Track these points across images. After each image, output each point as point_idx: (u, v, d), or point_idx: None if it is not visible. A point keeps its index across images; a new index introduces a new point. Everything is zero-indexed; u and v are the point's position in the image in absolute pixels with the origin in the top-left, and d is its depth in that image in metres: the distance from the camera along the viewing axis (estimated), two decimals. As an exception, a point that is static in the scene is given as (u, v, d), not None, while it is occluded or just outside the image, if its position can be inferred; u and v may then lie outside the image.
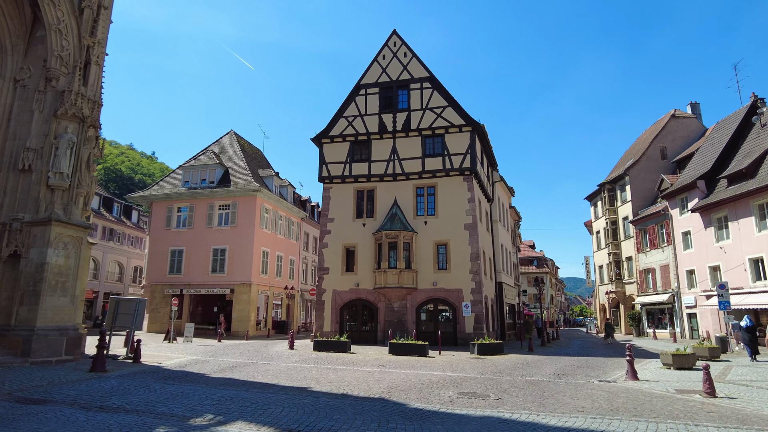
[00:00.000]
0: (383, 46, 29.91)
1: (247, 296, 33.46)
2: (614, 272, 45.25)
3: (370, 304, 26.64)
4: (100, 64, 16.96)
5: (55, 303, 14.51)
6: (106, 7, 17.58)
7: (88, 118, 16.10)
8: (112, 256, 48.62)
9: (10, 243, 14.68)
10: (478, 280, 25.49)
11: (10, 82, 16.38)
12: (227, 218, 34.92)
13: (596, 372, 15.08)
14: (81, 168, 15.82)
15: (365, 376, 13.28)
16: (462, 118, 27.33)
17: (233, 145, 40.24)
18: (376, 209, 27.68)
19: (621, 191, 45.13)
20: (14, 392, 9.50)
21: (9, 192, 15.41)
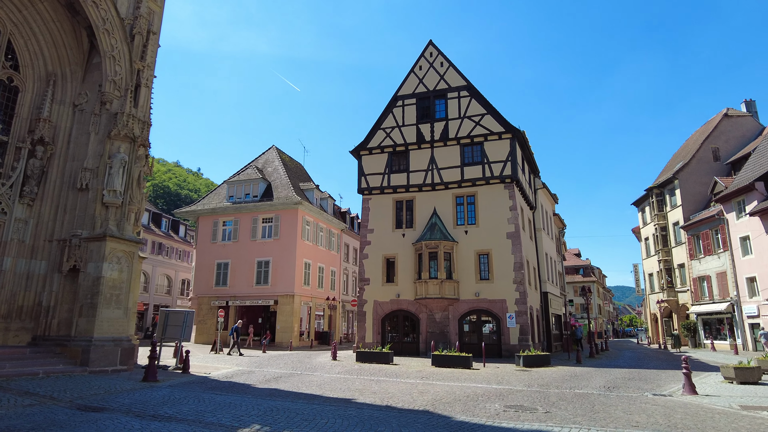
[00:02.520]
0: (419, 57, 30.03)
1: (290, 307, 33.95)
2: (666, 280, 43.28)
3: (411, 315, 26.49)
4: (149, 86, 17.81)
5: (110, 315, 15.17)
6: (155, 32, 18.49)
7: (139, 137, 16.88)
8: (161, 270, 50.48)
9: (70, 258, 15.51)
10: (522, 290, 24.92)
11: (69, 107, 17.44)
12: (270, 231, 35.66)
13: (650, 385, 14.39)
14: (132, 185, 16.57)
15: (409, 387, 13.17)
16: (501, 125, 26.99)
17: (275, 159, 41.21)
18: (416, 219, 27.61)
19: (670, 195, 43.28)
20: (75, 400, 9.96)
21: (69, 210, 16.32)
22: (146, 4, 18.04)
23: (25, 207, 16.22)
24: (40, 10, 17.04)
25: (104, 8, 16.45)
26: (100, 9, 16.36)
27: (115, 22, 16.75)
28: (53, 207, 16.58)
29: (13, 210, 15.91)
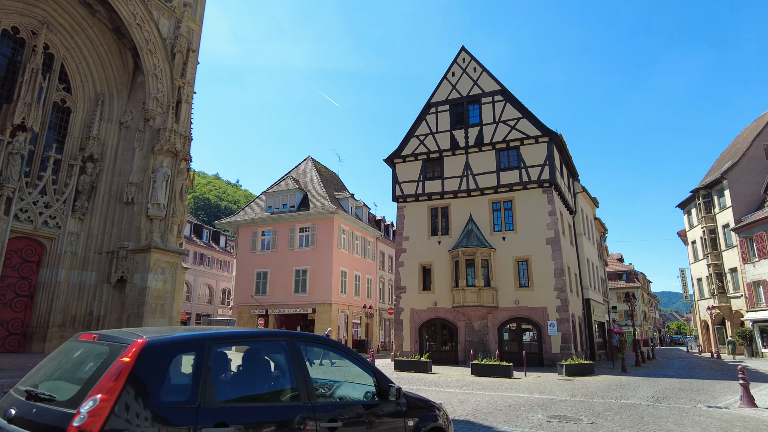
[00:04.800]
0: (452, 63, 29.95)
1: (328, 315, 34.22)
2: (716, 285, 41.30)
3: (449, 323, 26.23)
4: (189, 102, 18.43)
5: (156, 324, 15.67)
6: (194, 50, 19.16)
7: (180, 152, 17.47)
8: (203, 280, 51.88)
9: (118, 269, 16.16)
10: (564, 297, 24.29)
11: (116, 124, 18.26)
12: (307, 240, 36.15)
13: (703, 396, 13.72)
14: (175, 198, 17.14)
15: (449, 397, 13.01)
16: (537, 129, 26.54)
17: (311, 170, 41.85)
18: (451, 226, 27.40)
19: (719, 197, 41.38)
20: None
21: (116, 223, 17.04)
22: (186, 23, 18.74)
23: (76, 221, 17.02)
24: (90, 35, 17.96)
25: (147, 30, 17.19)
26: (143, 31, 17.10)
27: (158, 42, 17.46)
28: (102, 220, 17.34)
29: (67, 224, 16.72)
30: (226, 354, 3.90)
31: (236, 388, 3.93)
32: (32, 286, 16.07)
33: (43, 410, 3.13)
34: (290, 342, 4.18)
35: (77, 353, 3.80)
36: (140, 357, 3.20)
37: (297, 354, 4.14)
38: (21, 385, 3.54)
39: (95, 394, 2.97)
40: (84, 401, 2.95)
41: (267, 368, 4.31)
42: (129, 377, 3.08)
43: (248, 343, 4.28)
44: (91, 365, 3.47)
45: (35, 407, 3.20)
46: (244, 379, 4.11)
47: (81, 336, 3.91)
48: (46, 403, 3.18)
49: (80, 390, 3.15)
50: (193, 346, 3.60)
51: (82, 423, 2.82)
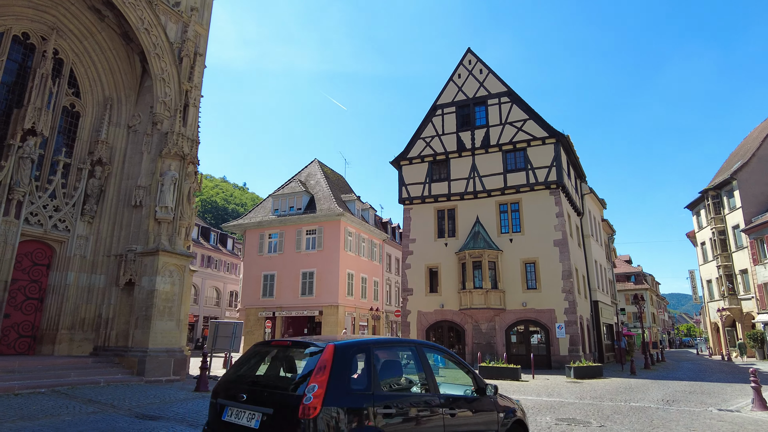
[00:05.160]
0: (458, 65, 29.95)
1: (335, 318, 34.22)
2: (726, 287, 40.90)
3: (456, 325, 26.16)
4: (196, 105, 18.55)
5: (164, 327, 15.75)
6: (201, 54, 19.30)
7: (188, 155, 17.58)
8: (210, 282, 52.10)
9: (126, 272, 16.26)
10: (572, 299, 24.15)
11: (124, 128, 18.41)
12: (314, 242, 36.20)
13: (714, 399, 13.58)
14: (183, 201, 17.24)
15: (456, 399, 12.95)
16: (544, 130, 26.45)
17: (317, 173, 41.94)
18: (458, 228, 27.34)
19: (728, 197, 41.01)
20: (133, 408, 10.37)
21: (124, 226, 17.16)
22: (193, 27, 18.87)
23: (85, 224, 17.16)
24: (99, 40, 18.13)
25: (155, 34, 17.33)
26: (151, 35, 17.24)
27: (165, 46, 17.60)
28: (110, 224, 17.47)
29: (76, 227, 16.86)
30: (378, 355, 4.98)
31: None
32: (42, 289, 16.22)
33: (274, 393, 4.42)
34: (418, 347, 5.48)
35: (275, 354, 5.12)
36: (334, 356, 4.35)
37: (424, 356, 5.37)
38: (230, 378, 4.92)
39: (313, 382, 4.15)
40: (307, 386, 4.13)
41: (407, 367, 5.44)
42: (331, 370, 4.25)
43: (393, 348, 5.56)
44: (300, 362, 4.67)
45: (265, 391, 4.48)
46: (392, 374, 5.23)
47: (273, 342, 5.36)
48: (272, 389, 4.53)
49: (299, 379, 4.36)
50: (363, 349, 4.76)
51: (310, 402, 4.01)
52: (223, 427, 4.54)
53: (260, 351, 5.19)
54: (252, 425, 4.28)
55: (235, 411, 4.49)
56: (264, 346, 5.29)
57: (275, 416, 4.19)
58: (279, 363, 5.01)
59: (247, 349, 5.39)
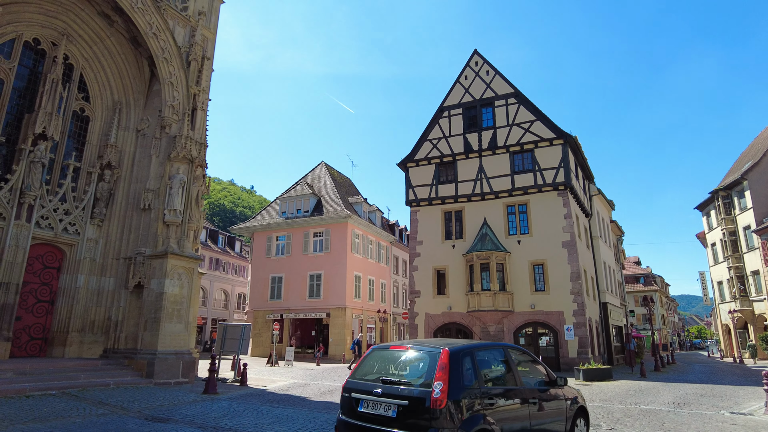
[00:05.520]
0: (465, 67, 29.89)
1: (342, 320, 34.23)
2: (738, 288, 40.44)
3: (464, 328, 26.06)
4: (204, 109, 18.67)
5: (172, 329, 15.83)
6: (209, 58, 19.42)
7: (196, 158, 17.68)
8: (218, 285, 52.31)
9: (135, 275, 16.38)
10: (580, 301, 24.00)
11: (133, 132, 18.56)
12: (321, 245, 36.27)
13: (726, 402, 13.42)
14: (191, 204, 17.34)
15: (464, 402, 12.90)
16: (552, 131, 26.33)
17: (324, 175, 42.03)
18: (465, 230, 27.26)
19: (739, 198, 40.59)
20: (142, 410, 10.43)
21: (133, 229, 17.29)
22: (200, 31, 19.01)
23: (95, 228, 17.31)
24: (108, 45, 18.32)
25: (163, 39, 17.48)
26: (159, 40, 17.39)
27: (173, 50, 17.74)
28: (119, 227, 17.61)
29: (86, 230, 17.01)
30: (478, 356, 6.08)
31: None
32: (53, 292, 16.37)
33: (405, 388, 5.43)
34: (505, 349, 6.76)
35: (397, 356, 6.18)
36: (450, 358, 5.47)
37: (509, 355, 6.65)
38: (357, 377, 6.05)
39: (438, 380, 5.25)
40: (434, 383, 5.25)
41: (498, 365, 6.56)
42: (450, 370, 5.35)
43: (488, 350, 6.60)
44: (419, 363, 5.76)
45: (399, 387, 5.48)
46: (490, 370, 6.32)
47: (392, 347, 6.39)
48: (404, 386, 5.50)
49: (425, 377, 5.43)
50: (468, 352, 5.88)
51: (438, 395, 5.13)
52: (361, 417, 5.58)
53: (381, 354, 6.37)
54: (389, 414, 5.37)
55: (371, 403, 5.55)
56: (383, 350, 6.44)
57: (409, 407, 5.26)
58: (400, 364, 6.03)
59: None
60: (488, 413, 5.56)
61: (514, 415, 5.98)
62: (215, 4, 20.39)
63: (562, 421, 6.91)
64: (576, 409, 7.25)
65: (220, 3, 20.70)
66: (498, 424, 5.61)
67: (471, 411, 5.36)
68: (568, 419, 7.02)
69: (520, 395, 6.24)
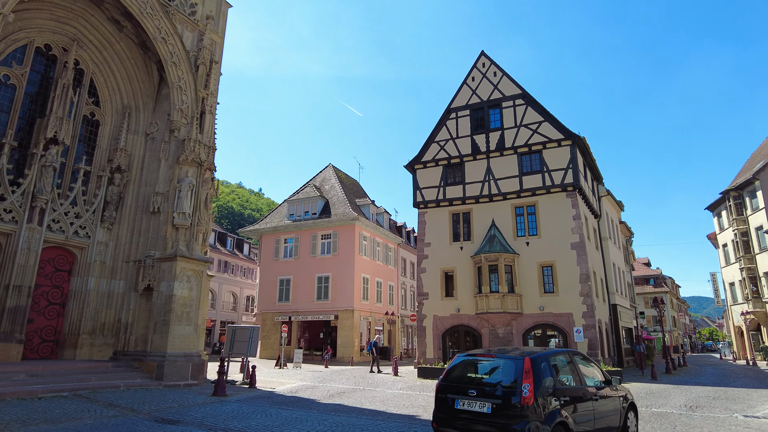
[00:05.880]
0: (472, 68, 29.85)
1: (350, 322, 34.24)
2: (750, 290, 39.95)
3: (472, 330, 25.96)
4: (212, 112, 18.79)
5: (182, 331, 15.92)
6: (217, 61, 19.55)
7: (205, 162, 17.79)
8: (227, 287, 52.55)
9: (145, 277, 16.49)
10: (590, 302, 23.82)
11: (142, 136, 18.72)
12: (329, 247, 36.32)
13: (739, 405, 13.25)
14: (200, 207, 17.44)
15: (473, 404, 12.85)
16: (560, 132, 26.20)
17: (332, 177, 42.12)
18: (473, 232, 27.17)
19: (751, 198, 40.14)
20: (152, 412, 10.49)
21: (143, 232, 17.41)
22: (208, 36, 19.14)
23: (105, 231, 17.47)
24: (117, 50, 18.50)
25: (172, 43, 17.62)
26: (168, 44, 17.54)
27: (182, 55, 17.88)
28: (129, 230, 17.75)
29: (96, 234, 17.17)
30: (552, 361, 7.17)
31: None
32: (64, 295, 16.53)
33: (499, 390, 6.50)
34: (570, 354, 7.90)
35: (483, 362, 7.32)
36: (532, 364, 6.54)
37: (574, 360, 7.79)
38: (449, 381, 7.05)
39: (525, 382, 6.31)
40: (522, 384, 6.30)
41: (566, 368, 7.53)
42: (533, 374, 6.40)
43: (558, 356, 7.54)
44: (506, 369, 6.79)
45: (489, 388, 6.59)
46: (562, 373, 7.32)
47: (478, 354, 7.50)
48: (495, 387, 6.57)
49: (513, 379, 6.47)
50: (545, 359, 6.94)
51: (527, 395, 6.18)
52: (458, 414, 6.64)
53: (469, 361, 7.44)
54: (485, 410, 6.41)
55: (467, 402, 6.59)
56: (471, 357, 7.49)
57: (502, 404, 6.32)
58: (488, 369, 7.15)
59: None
60: (562, 409, 6.60)
61: (581, 411, 7.04)
62: (223, 8, 20.53)
63: (617, 416, 8.00)
64: (627, 405, 8.39)
65: (227, 7, 20.84)
66: (570, 417, 6.65)
67: (550, 407, 6.44)
68: (622, 414, 8.13)
69: (585, 393, 7.33)
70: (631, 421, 8.51)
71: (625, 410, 8.27)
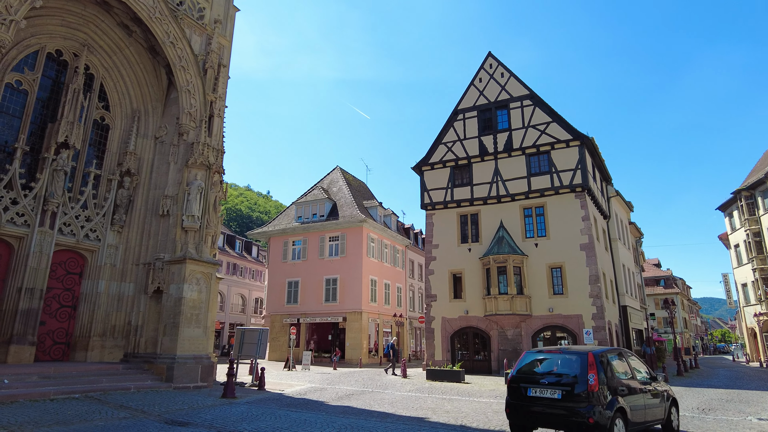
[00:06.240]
0: (479, 70, 29.81)
1: (359, 324, 34.24)
2: (763, 290, 39.43)
3: (481, 332, 25.86)
4: (221, 116, 18.90)
5: (191, 334, 16.00)
6: (225, 65, 19.68)
7: (213, 165, 17.90)
8: (236, 289, 52.76)
9: (154, 280, 16.60)
10: (599, 304, 23.66)
11: (151, 139, 18.87)
12: (337, 249, 36.37)
13: (753, 408, 13.08)
14: (209, 210, 17.54)
15: (483, 407, 12.80)
16: (568, 132, 26.08)
17: (339, 180, 42.20)
18: (481, 233, 27.09)
19: (763, 198, 39.66)
20: (163, 414, 10.54)
21: (152, 235, 17.54)
22: (216, 39, 19.27)
23: (115, 234, 17.62)
24: (127, 54, 18.68)
25: (180, 47, 17.76)
26: (176, 48, 17.68)
27: (190, 58, 18.00)
28: (139, 233, 17.88)
29: (106, 237, 17.32)
30: (609, 356, 8.34)
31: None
32: (75, 297, 16.68)
33: (567, 379, 7.71)
34: (622, 351, 9.16)
35: (550, 357, 8.59)
36: (595, 358, 7.73)
37: (626, 356, 9.09)
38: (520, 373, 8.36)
39: (590, 372, 7.49)
40: (588, 374, 7.48)
41: (621, 363, 8.65)
42: (597, 366, 7.60)
43: (613, 352, 8.71)
44: (572, 362, 7.96)
45: (560, 378, 7.80)
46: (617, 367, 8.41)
47: (545, 350, 8.98)
48: (563, 376, 7.81)
49: (581, 371, 7.63)
50: (604, 354, 8.13)
51: (592, 383, 7.34)
52: (530, 400, 7.90)
53: (535, 357, 8.70)
54: (556, 396, 7.67)
55: (539, 389, 7.89)
56: (537, 354, 8.80)
57: (570, 391, 7.57)
58: (555, 363, 8.34)
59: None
60: (619, 397, 7.71)
61: (634, 401, 8.10)
62: (231, 12, 20.66)
63: (662, 408, 9.02)
64: (670, 399, 9.40)
65: (235, 11, 20.98)
66: (626, 404, 7.77)
67: (610, 395, 7.58)
68: (666, 408, 9.13)
69: (636, 386, 8.44)
70: (674, 415, 9.39)
71: (669, 405, 9.21)
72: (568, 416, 7.43)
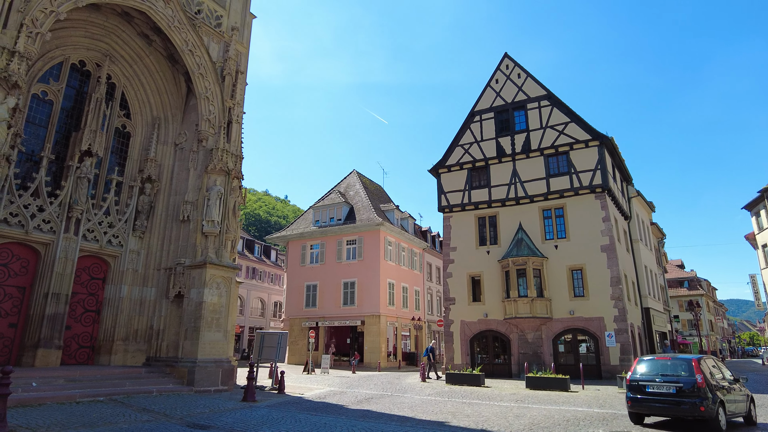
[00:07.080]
0: (495, 71, 29.64)
1: (377, 327, 34.22)
2: (793, 292, 38.28)
3: (501, 335, 25.62)
4: (239, 122, 19.12)
5: (211, 337, 16.17)
6: (242, 72, 19.92)
7: (232, 170, 18.10)
8: (255, 293, 53.21)
9: (176, 285, 16.84)
10: (621, 306, 23.24)
11: (171, 146, 19.18)
12: (354, 252, 36.45)
13: (784, 412, 12.68)
14: (228, 215, 17.73)
15: (503, 411, 12.66)
16: (587, 133, 25.74)
17: (356, 183, 42.32)
18: (500, 235, 26.86)
19: (791, 196, 38.52)
20: (185, 417, 10.67)
21: (173, 240, 17.80)
22: (234, 46, 19.52)
23: (137, 239, 17.93)
24: (147, 63, 19.04)
25: (198, 55, 18.03)
26: (195, 56, 17.95)
27: (208, 66, 18.27)
28: (160, 238, 18.17)
29: (128, 242, 17.64)
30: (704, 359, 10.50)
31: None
32: (99, 302, 17.01)
33: (681, 378, 9.86)
34: (713, 358, 10.87)
35: (663, 362, 10.59)
36: (699, 363, 10.04)
37: (717, 361, 11.14)
38: (638, 375, 10.46)
39: (698, 373, 9.72)
40: (696, 375, 9.71)
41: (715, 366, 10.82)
42: (700, 368, 9.90)
43: (709, 359, 10.87)
44: (681, 366, 10.14)
45: (675, 377, 9.96)
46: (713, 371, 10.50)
47: (656, 357, 11.04)
48: (676, 375, 9.97)
49: (687, 372, 9.88)
50: (705, 359, 10.57)
51: (701, 381, 9.62)
52: (650, 394, 9.94)
53: (649, 361, 10.77)
54: (671, 391, 9.72)
55: (656, 386, 9.92)
56: (650, 359, 10.89)
57: (684, 387, 9.61)
58: (667, 366, 10.34)
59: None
60: (718, 392, 9.64)
61: (728, 397, 10.00)
62: (247, 19, 20.92)
63: (745, 403, 10.84)
64: (749, 399, 11.17)
65: (252, 18, 21.22)
66: (724, 398, 9.72)
67: (717, 391, 9.61)
68: (748, 404, 10.94)
69: (727, 385, 10.30)
70: (754, 411, 11.28)
71: (749, 402, 11.05)
72: (683, 406, 9.42)
